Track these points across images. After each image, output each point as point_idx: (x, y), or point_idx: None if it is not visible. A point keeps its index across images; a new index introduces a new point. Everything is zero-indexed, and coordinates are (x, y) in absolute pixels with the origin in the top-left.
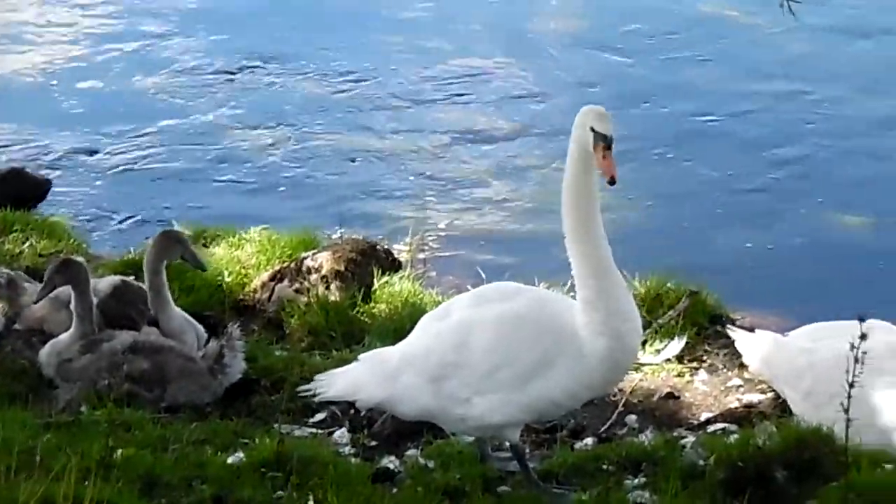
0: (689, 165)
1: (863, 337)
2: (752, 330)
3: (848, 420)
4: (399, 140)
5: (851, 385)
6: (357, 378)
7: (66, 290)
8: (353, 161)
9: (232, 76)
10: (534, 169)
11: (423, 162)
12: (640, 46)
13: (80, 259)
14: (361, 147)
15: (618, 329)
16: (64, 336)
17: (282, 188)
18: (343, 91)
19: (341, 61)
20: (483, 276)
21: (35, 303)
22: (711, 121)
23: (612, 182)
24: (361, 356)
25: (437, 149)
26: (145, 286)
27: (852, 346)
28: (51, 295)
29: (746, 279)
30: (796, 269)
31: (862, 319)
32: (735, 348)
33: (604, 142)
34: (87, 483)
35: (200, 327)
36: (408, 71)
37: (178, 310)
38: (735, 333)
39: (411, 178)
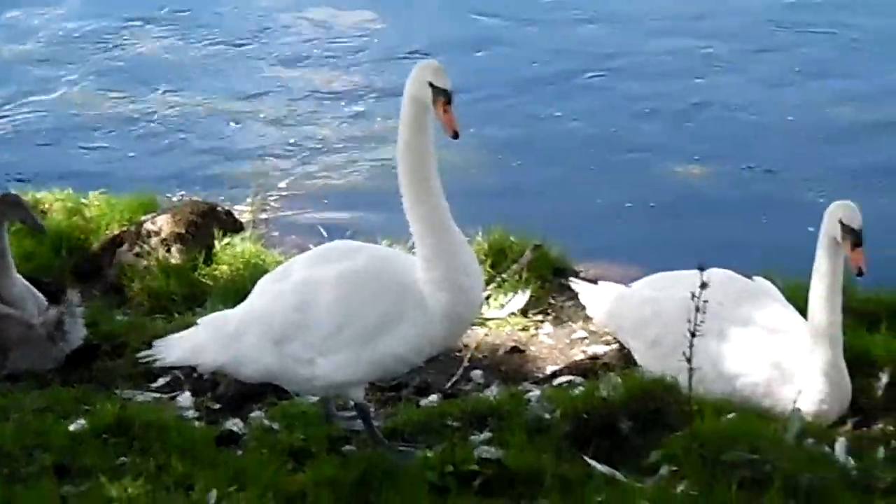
0: (569, 123)
1: (703, 286)
2: (595, 282)
3: (691, 369)
4: (255, 101)
5: (693, 334)
6: (197, 342)
7: None
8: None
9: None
10: (383, 129)
11: (270, 123)
12: (520, 7)
13: None
14: (222, 109)
15: (459, 283)
16: None
17: (132, 153)
18: (211, 54)
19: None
20: (325, 235)
21: None
22: (596, 76)
23: (455, 136)
24: (201, 320)
25: (289, 110)
26: None
27: (693, 296)
28: None
29: (594, 233)
30: (644, 222)
31: (702, 268)
32: (579, 301)
33: (444, 97)
34: None
35: (40, 295)
36: (281, 32)
37: (19, 277)
38: (578, 286)
39: (257, 138)
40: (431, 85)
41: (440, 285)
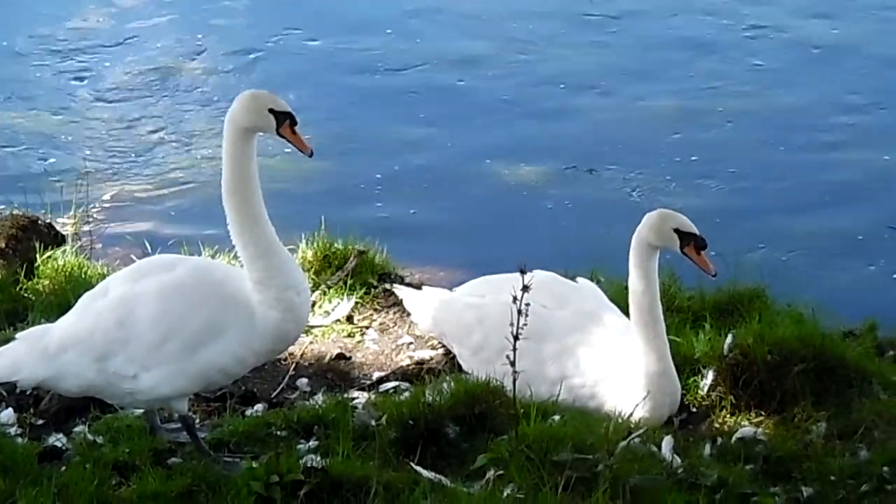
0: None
1: (525, 288)
2: (420, 287)
3: (515, 373)
4: (75, 112)
5: (516, 337)
6: (16, 358)
7: None
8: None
9: None
10: (207, 140)
11: (93, 135)
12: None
13: None
14: (40, 122)
15: (290, 301)
16: None
17: None
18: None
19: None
20: (148, 247)
21: None
22: (460, 83)
23: (311, 154)
24: (19, 335)
25: (112, 120)
26: None
27: (515, 299)
28: None
29: (418, 237)
30: (470, 224)
31: (523, 271)
32: (405, 306)
33: (290, 119)
34: None
35: None
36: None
37: None
38: (401, 292)
39: (80, 149)
40: (272, 111)
41: (272, 304)
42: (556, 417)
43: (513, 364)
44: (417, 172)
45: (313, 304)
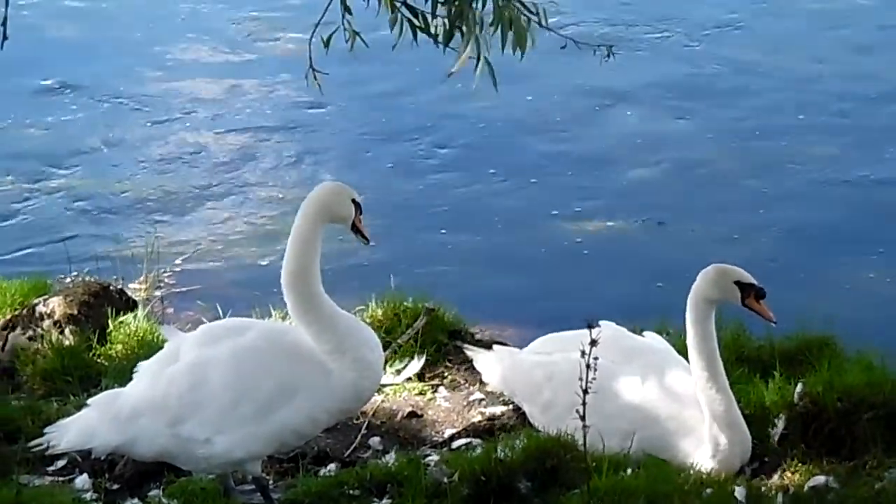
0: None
1: (593, 343)
2: (489, 346)
3: (585, 427)
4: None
5: (586, 391)
6: (89, 426)
7: None
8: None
9: None
10: (273, 198)
11: (163, 199)
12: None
13: None
14: (82, 186)
15: (365, 359)
16: None
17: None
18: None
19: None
20: (219, 311)
21: None
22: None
23: (368, 243)
24: (91, 400)
25: (181, 186)
26: None
27: (583, 353)
28: None
29: (487, 293)
30: (537, 279)
31: (591, 326)
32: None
33: (359, 210)
34: None
35: None
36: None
37: None
38: (471, 352)
39: (150, 214)
40: (354, 202)
41: (348, 367)
42: (629, 471)
43: (583, 418)
44: (481, 228)
45: (385, 363)
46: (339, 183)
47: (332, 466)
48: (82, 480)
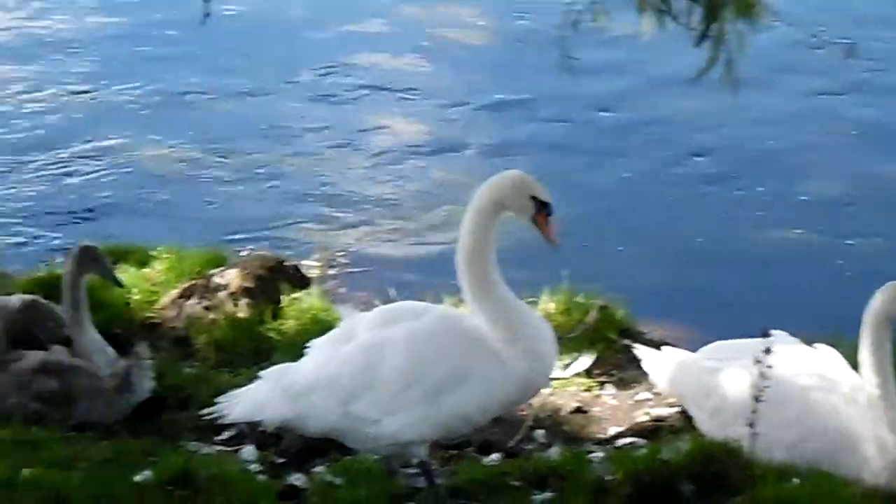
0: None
1: (767, 351)
2: (659, 346)
3: (754, 434)
4: (314, 156)
5: (757, 399)
6: (261, 398)
7: None
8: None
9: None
10: (447, 184)
11: (342, 179)
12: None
13: None
14: (266, 161)
15: (538, 352)
16: None
17: (185, 201)
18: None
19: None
20: (393, 293)
21: None
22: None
23: (555, 247)
24: (263, 373)
25: (363, 166)
26: (63, 302)
27: (756, 362)
28: None
29: (661, 294)
30: (705, 281)
31: (766, 335)
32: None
33: (546, 210)
34: None
35: (110, 348)
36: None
37: (92, 329)
38: (641, 352)
39: (326, 194)
40: (534, 199)
41: (520, 356)
42: (794, 481)
43: (752, 426)
44: (661, 228)
45: None
46: (519, 175)
47: (495, 456)
48: (249, 452)
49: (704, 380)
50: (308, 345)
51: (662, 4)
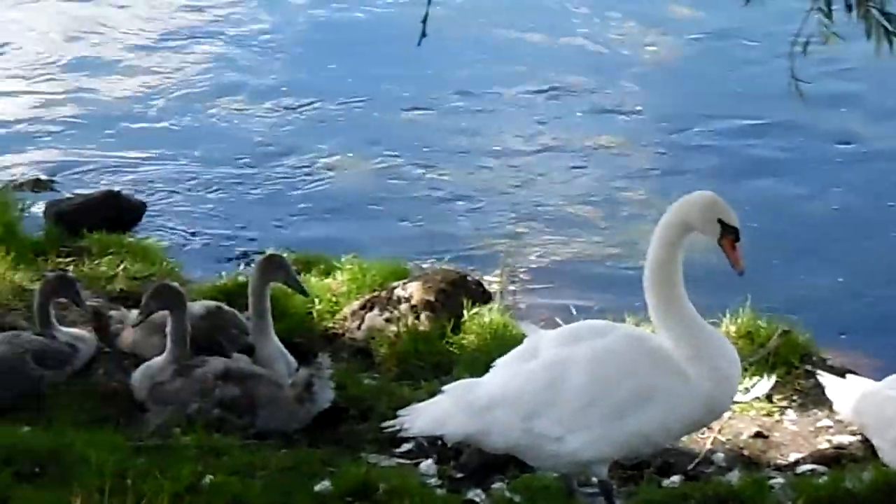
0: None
1: None
2: (843, 374)
3: None
4: (491, 171)
5: None
6: (443, 412)
7: (157, 315)
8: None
9: (316, 103)
10: (631, 202)
11: (523, 194)
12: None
13: (176, 285)
14: (452, 176)
15: (724, 373)
16: (157, 360)
17: (369, 215)
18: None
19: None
20: (574, 311)
21: (134, 327)
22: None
23: (741, 273)
24: (446, 388)
25: (530, 178)
26: (248, 311)
27: None
28: None
29: (838, 316)
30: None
31: None
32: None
33: (734, 234)
34: None
35: (291, 357)
36: (492, 94)
37: (275, 337)
38: (824, 379)
39: (508, 208)
40: (721, 222)
41: (705, 376)
42: None
43: None
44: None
45: None
46: (710, 196)
47: (675, 478)
48: (428, 465)
49: (887, 409)
50: (491, 361)
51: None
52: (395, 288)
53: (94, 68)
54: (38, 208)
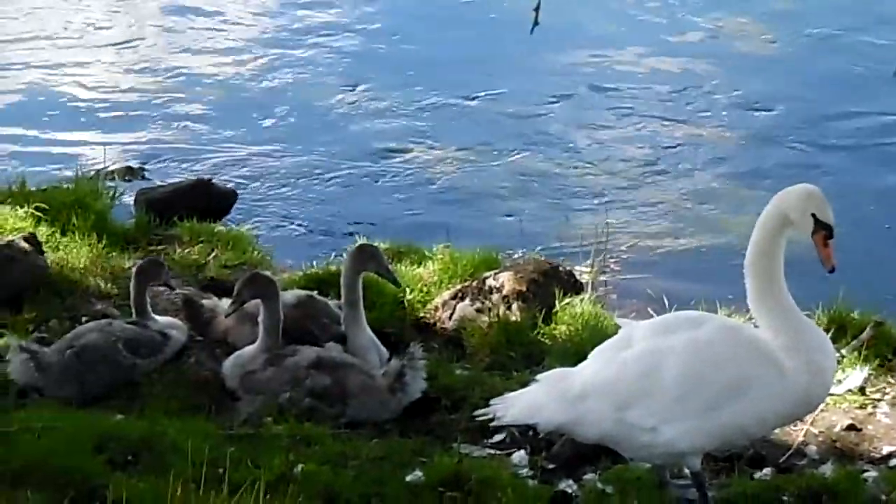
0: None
1: None
2: None
3: None
4: (583, 161)
5: None
6: (536, 401)
7: (249, 303)
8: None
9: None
10: (725, 193)
11: (614, 186)
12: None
13: (268, 274)
14: (542, 167)
15: (819, 364)
16: (249, 348)
17: (461, 205)
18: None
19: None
20: (666, 302)
21: (226, 316)
22: None
23: (831, 271)
24: (539, 377)
25: (623, 171)
26: (341, 300)
27: None
28: None
29: None
30: None
31: None
32: None
33: (826, 231)
34: (268, 497)
35: (383, 347)
36: (589, 89)
37: (367, 327)
38: None
39: (601, 199)
40: (815, 217)
41: (801, 368)
42: None
43: None
44: None
45: None
46: (808, 190)
47: (767, 471)
48: (519, 456)
49: None
50: (582, 352)
51: None
52: (486, 278)
53: (194, 57)
54: (129, 196)
